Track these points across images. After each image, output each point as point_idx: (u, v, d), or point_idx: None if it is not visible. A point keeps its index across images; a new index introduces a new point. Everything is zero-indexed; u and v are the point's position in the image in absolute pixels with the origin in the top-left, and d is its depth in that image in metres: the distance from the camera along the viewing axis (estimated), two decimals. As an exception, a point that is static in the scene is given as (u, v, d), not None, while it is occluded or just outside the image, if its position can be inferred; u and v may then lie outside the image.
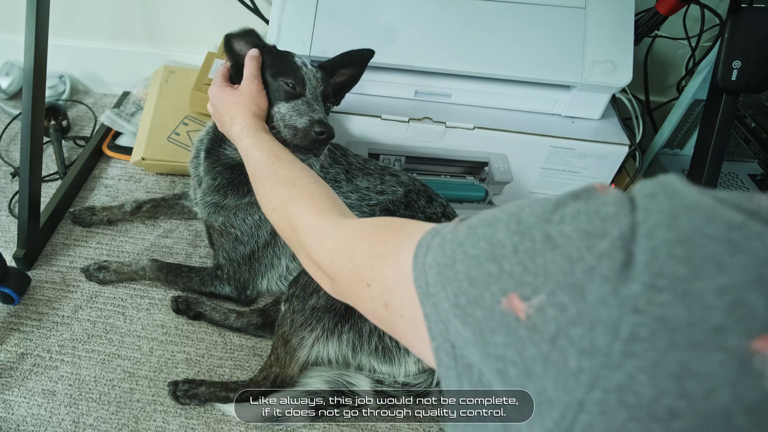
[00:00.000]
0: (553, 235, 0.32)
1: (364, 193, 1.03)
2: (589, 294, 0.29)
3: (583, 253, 0.30)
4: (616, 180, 1.22)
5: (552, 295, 0.30)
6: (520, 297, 0.32)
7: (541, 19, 1.06)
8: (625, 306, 0.28)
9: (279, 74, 0.92)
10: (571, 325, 0.29)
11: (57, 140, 1.40)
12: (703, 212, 0.28)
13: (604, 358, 0.28)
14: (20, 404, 0.95)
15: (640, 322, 0.27)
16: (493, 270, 0.34)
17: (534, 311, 0.31)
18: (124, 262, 1.13)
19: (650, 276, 0.27)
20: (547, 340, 0.30)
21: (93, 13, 1.49)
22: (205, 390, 0.96)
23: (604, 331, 0.28)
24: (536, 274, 0.32)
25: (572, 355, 0.29)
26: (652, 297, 0.27)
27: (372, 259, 0.49)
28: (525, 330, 0.31)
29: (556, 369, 0.30)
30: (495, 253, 0.35)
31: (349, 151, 1.08)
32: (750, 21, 0.95)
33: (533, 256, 0.32)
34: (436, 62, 1.08)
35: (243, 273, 1.07)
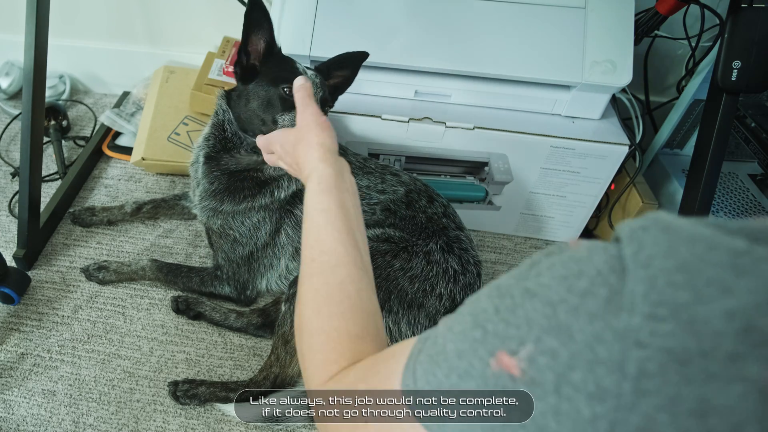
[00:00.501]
0: (531, 287, 0.32)
1: (364, 192, 1.03)
2: (577, 333, 0.28)
3: (564, 295, 0.29)
4: (616, 180, 1.22)
5: (539, 341, 0.29)
6: (508, 353, 0.31)
7: (541, 19, 1.06)
8: (627, 340, 0.26)
9: (280, 80, 0.90)
10: (569, 369, 0.28)
11: (57, 140, 1.40)
12: (703, 242, 0.26)
13: (615, 400, 0.26)
14: (20, 404, 0.95)
15: (646, 357, 0.26)
16: (477, 335, 0.33)
17: (525, 364, 0.30)
18: (123, 262, 1.13)
19: (650, 306, 0.26)
20: (550, 392, 0.28)
21: (93, 13, 1.49)
22: (205, 390, 0.96)
23: (607, 370, 0.27)
24: (518, 325, 0.31)
25: (582, 402, 0.27)
26: (654, 327, 0.26)
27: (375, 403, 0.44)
28: (524, 386, 0.30)
29: (570, 421, 0.28)
30: (478, 320, 0.34)
31: (348, 149, 1.08)
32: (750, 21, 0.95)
33: (514, 310, 0.32)
34: (436, 62, 1.08)
35: (242, 273, 1.07)
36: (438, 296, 0.93)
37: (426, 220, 1.01)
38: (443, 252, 0.96)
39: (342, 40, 1.07)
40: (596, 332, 0.27)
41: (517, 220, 1.29)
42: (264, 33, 0.91)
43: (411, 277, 0.93)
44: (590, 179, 1.17)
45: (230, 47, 1.40)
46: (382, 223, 1.01)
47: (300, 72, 0.93)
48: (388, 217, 1.02)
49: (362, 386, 0.45)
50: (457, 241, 1.00)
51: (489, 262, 1.28)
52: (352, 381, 0.48)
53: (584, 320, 0.28)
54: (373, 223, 1.02)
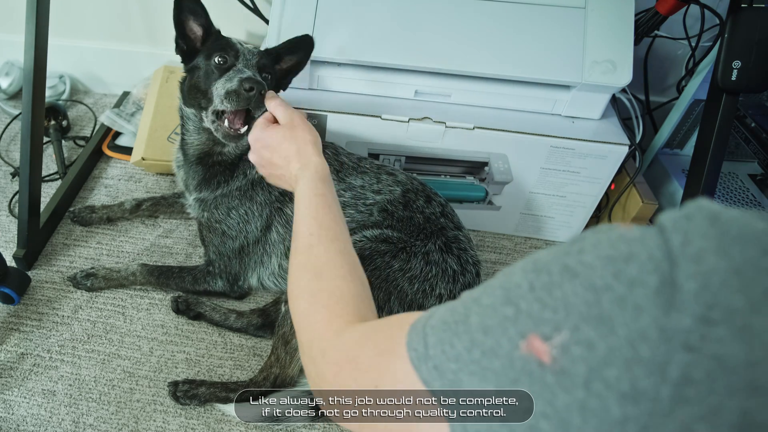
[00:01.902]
0: (572, 265, 0.29)
1: (358, 192, 1.03)
2: (619, 327, 0.26)
3: (609, 281, 0.27)
4: (616, 180, 1.22)
5: (576, 330, 0.27)
6: (541, 337, 0.28)
7: (541, 19, 1.06)
8: (674, 342, 0.24)
9: (213, 53, 0.92)
10: (604, 365, 0.26)
11: (57, 140, 1.40)
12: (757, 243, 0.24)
13: (651, 404, 0.24)
14: (20, 404, 0.95)
15: (692, 362, 0.24)
16: (509, 313, 0.31)
17: (558, 352, 0.27)
18: (112, 268, 1.13)
19: (702, 307, 0.24)
20: (580, 386, 0.26)
21: (93, 13, 1.49)
22: (205, 390, 0.96)
23: (646, 371, 0.25)
24: (555, 308, 0.28)
25: (613, 402, 0.25)
26: (705, 332, 0.24)
27: (378, 358, 0.43)
28: (552, 375, 0.27)
29: (597, 419, 0.26)
30: (510, 295, 0.31)
31: (342, 150, 1.07)
32: (750, 21, 0.95)
33: (551, 290, 0.29)
34: (436, 62, 1.08)
35: (234, 266, 1.08)
36: (438, 296, 0.93)
37: (424, 220, 1.01)
38: (442, 252, 0.96)
39: (342, 40, 1.07)
40: (641, 329, 0.25)
41: (517, 220, 1.29)
42: (199, 18, 0.95)
43: (410, 277, 0.93)
44: (590, 179, 1.17)
45: (230, 47, 1.40)
46: (380, 224, 1.01)
47: (236, 47, 0.94)
48: (385, 218, 1.02)
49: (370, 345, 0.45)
50: (455, 241, 1.00)
51: (489, 262, 1.28)
52: (359, 337, 0.48)
53: (630, 314, 0.25)
54: (371, 224, 1.02)
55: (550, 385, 0.28)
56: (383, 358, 0.42)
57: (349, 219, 1.03)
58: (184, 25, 0.95)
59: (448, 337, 0.34)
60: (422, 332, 0.36)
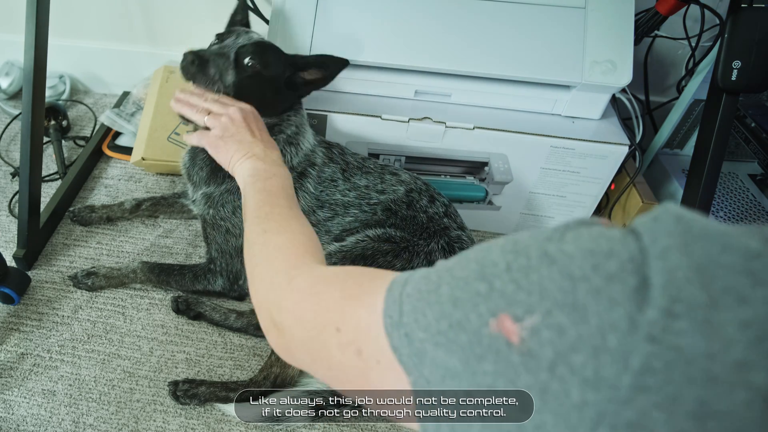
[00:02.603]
0: (552, 252, 0.29)
1: (363, 192, 1.03)
2: (592, 316, 0.26)
3: (587, 273, 0.27)
4: (616, 180, 1.22)
5: (548, 315, 0.28)
6: (512, 318, 0.29)
7: (541, 19, 1.06)
8: (639, 334, 0.25)
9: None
10: (571, 350, 0.27)
11: (57, 140, 1.40)
12: (717, 240, 0.26)
13: (611, 391, 0.25)
14: (20, 404, 0.95)
15: (654, 352, 0.25)
16: (482, 289, 0.31)
17: (528, 334, 0.28)
18: (113, 267, 1.13)
19: (667, 300, 0.25)
20: (544, 368, 0.27)
21: (93, 13, 1.49)
22: (205, 390, 0.96)
23: (611, 360, 0.25)
24: (530, 291, 0.29)
25: (575, 386, 0.26)
26: (668, 324, 0.25)
27: (343, 301, 0.43)
28: (518, 356, 0.28)
29: (556, 401, 0.27)
30: (485, 272, 0.31)
31: (347, 149, 1.08)
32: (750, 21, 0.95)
33: (528, 273, 0.29)
34: (436, 62, 1.08)
35: (235, 264, 1.07)
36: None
37: (427, 220, 1.01)
38: (444, 252, 0.97)
39: (342, 40, 1.07)
40: (613, 320, 0.26)
41: (517, 220, 1.29)
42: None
43: (412, 277, 0.93)
44: (590, 179, 1.17)
45: (230, 47, 1.40)
46: (383, 223, 1.01)
47: (237, 32, 0.96)
48: (389, 218, 1.02)
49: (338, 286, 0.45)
50: (458, 242, 1.00)
51: (489, 262, 1.28)
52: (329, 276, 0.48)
53: (604, 305, 0.26)
54: (374, 222, 1.02)
55: (515, 365, 0.28)
56: (348, 302, 0.42)
57: (353, 218, 1.03)
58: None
59: (421, 306, 0.34)
60: (399, 300, 0.37)
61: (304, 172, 1.02)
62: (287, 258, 0.55)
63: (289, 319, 0.48)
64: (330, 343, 0.42)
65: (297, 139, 1.01)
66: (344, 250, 0.96)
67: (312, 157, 1.03)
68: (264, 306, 0.52)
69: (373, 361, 0.38)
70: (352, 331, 0.40)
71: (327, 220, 1.03)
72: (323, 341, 0.43)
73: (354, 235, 1.00)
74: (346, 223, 1.03)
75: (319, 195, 1.03)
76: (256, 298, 0.55)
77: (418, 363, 0.34)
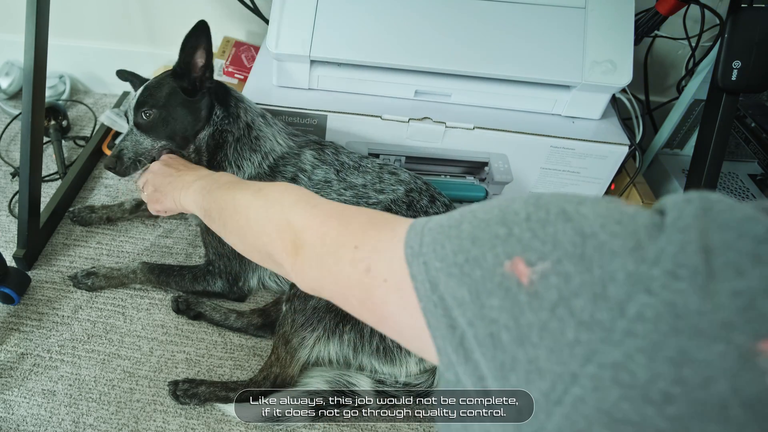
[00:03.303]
0: (569, 210, 0.33)
1: (360, 191, 1.03)
2: (596, 267, 0.29)
3: (596, 230, 0.31)
4: (616, 180, 1.22)
5: (558, 263, 0.31)
6: (525, 262, 0.32)
7: (541, 19, 1.06)
8: (638, 285, 0.28)
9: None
10: (573, 295, 0.29)
11: (57, 140, 1.40)
12: (735, 229, 0.28)
13: (604, 333, 0.28)
14: (20, 404, 0.95)
15: (648, 303, 0.27)
16: (501, 232, 0.34)
17: (537, 277, 0.31)
18: (113, 267, 1.13)
19: (673, 265, 0.28)
20: (546, 308, 0.30)
21: (93, 13, 1.49)
22: (205, 390, 0.96)
23: (608, 306, 0.28)
24: (545, 241, 0.32)
25: (570, 326, 0.29)
26: (668, 283, 0.27)
27: (367, 225, 0.47)
28: (525, 296, 0.31)
29: (552, 338, 0.29)
30: (507, 219, 0.34)
31: (342, 149, 1.07)
32: (750, 21, 0.95)
33: (545, 225, 0.32)
34: (436, 62, 1.08)
35: (234, 265, 1.07)
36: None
37: None
38: None
39: (342, 39, 1.07)
40: (612, 272, 0.29)
41: (517, 220, 1.29)
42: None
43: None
44: (590, 179, 1.17)
45: (230, 47, 1.40)
46: None
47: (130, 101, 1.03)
48: None
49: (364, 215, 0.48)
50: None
51: (489, 262, 1.28)
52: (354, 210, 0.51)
53: (606, 257, 0.29)
54: None
55: (521, 303, 0.31)
56: (371, 227, 0.46)
57: None
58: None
59: (441, 239, 0.37)
60: (420, 232, 0.39)
61: (295, 179, 1.02)
62: (299, 196, 0.57)
63: (312, 236, 0.50)
64: (344, 259, 0.45)
65: (258, 144, 1.01)
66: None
67: (298, 162, 1.02)
68: (287, 232, 0.53)
69: (380, 280, 0.42)
70: (369, 249, 0.44)
71: None
72: (339, 256, 0.46)
73: None
74: None
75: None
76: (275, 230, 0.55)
77: (430, 290, 0.36)
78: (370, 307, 0.44)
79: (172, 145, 0.98)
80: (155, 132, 0.98)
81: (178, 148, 0.99)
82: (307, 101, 1.12)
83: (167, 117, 0.97)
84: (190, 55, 0.96)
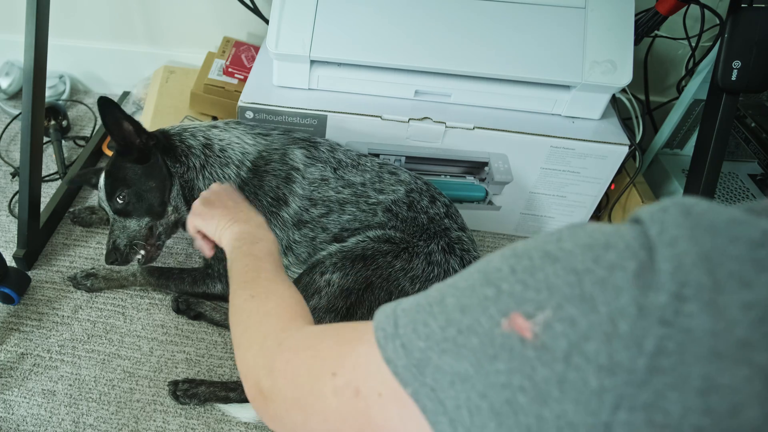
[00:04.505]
0: (552, 251, 0.31)
1: (359, 189, 1.03)
2: (601, 306, 0.28)
3: (590, 265, 0.29)
4: (616, 180, 1.22)
5: (559, 308, 0.29)
6: (524, 315, 0.30)
7: (541, 19, 1.06)
8: (651, 318, 0.26)
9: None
10: (584, 340, 0.27)
11: (57, 140, 1.40)
12: (725, 232, 0.27)
13: (627, 375, 0.26)
14: (20, 404, 0.95)
15: (667, 335, 0.26)
16: (489, 293, 0.32)
17: (540, 329, 0.29)
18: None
19: (676, 285, 0.26)
20: (560, 360, 0.28)
21: (93, 13, 1.49)
22: (205, 390, 0.96)
23: (624, 345, 0.26)
24: (538, 289, 0.30)
25: (591, 374, 0.27)
26: (678, 307, 0.26)
27: (338, 346, 0.42)
28: (533, 350, 0.29)
29: (575, 390, 0.27)
30: (491, 278, 0.32)
31: (339, 147, 1.07)
32: (750, 21, 0.95)
33: (533, 272, 0.30)
34: (436, 62, 1.08)
35: None
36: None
37: (428, 221, 1.01)
38: (444, 253, 0.96)
39: (342, 40, 1.07)
40: (621, 307, 0.27)
41: (517, 220, 1.29)
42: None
43: (412, 277, 0.93)
44: (590, 179, 1.17)
45: (230, 47, 1.40)
46: (384, 225, 1.01)
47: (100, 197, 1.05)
48: (390, 219, 1.02)
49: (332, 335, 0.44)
50: (458, 242, 1.00)
51: (489, 262, 1.28)
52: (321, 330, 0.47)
53: (611, 294, 0.27)
54: (375, 224, 1.02)
55: (530, 360, 0.29)
56: (344, 346, 0.41)
57: (352, 217, 1.03)
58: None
59: (422, 318, 0.34)
60: (393, 315, 0.37)
61: (289, 177, 1.02)
62: (277, 322, 0.53)
63: (279, 381, 0.45)
64: (325, 392, 0.40)
65: (226, 156, 1.02)
66: (345, 250, 0.96)
67: (287, 161, 1.02)
68: (252, 373, 0.49)
69: (374, 396, 0.37)
70: (349, 371, 0.39)
71: (322, 216, 1.03)
72: (318, 392, 0.41)
73: (356, 236, 1.00)
74: (344, 222, 1.03)
75: (311, 194, 1.02)
76: (244, 365, 0.51)
77: (417, 373, 0.33)
78: (371, 427, 0.38)
79: (154, 218, 1.02)
80: (136, 211, 1.01)
81: (159, 217, 1.02)
82: (307, 101, 1.12)
83: (139, 192, 1.00)
84: (119, 131, 0.97)
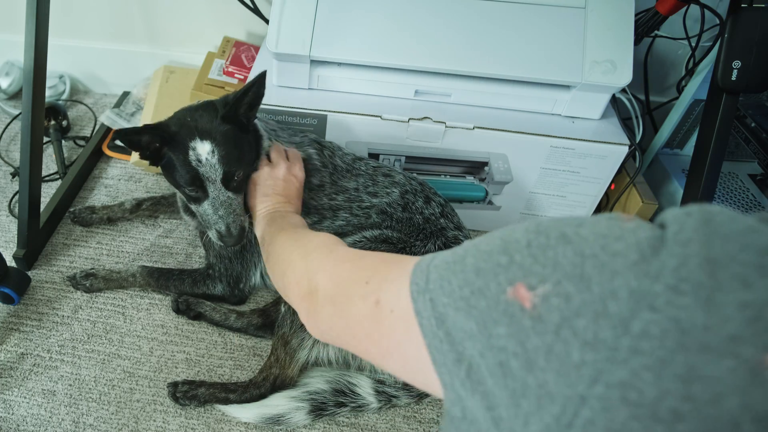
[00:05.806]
0: (569, 233, 0.33)
1: (352, 194, 1.03)
2: (595, 286, 0.29)
3: (596, 251, 0.31)
4: (616, 180, 1.22)
5: (558, 284, 0.31)
6: (527, 286, 0.32)
7: (541, 19, 1.06)
8: (641, 303, 0.28)
9: (180, 178, 0.87)
10: (575, 315, 0.29)
11: (57, 140, 1.40)
12: (738, 240, 0.28)
13: (609, 352, 0.28)
14: (20, 404, 0.95)
15: (653, 320, 0.27)
16: (503, 261, 0.34)
17: (539, 300, 0.31)
18: (112, 269, 1.13)
19: (675, 279, 0.28)
20: (551, 331, 0.30)
21: (93, 13, 1.49)
22: (204, 391, 0.96)
23: (611, 324, 0.28)
24: (545, 265, 0.32)
25: (575, 347, 0.29)
26: (672, 299, 0.27)
27: (379, 262, 0.50)
28: (529, 320, 0.31)
29: (558, 361, 0.29)
30: (508, 247, 0.35)
31: (338, 151, 1.07)
32: (750, 21, 0.95)
33: (545, 250, 0.33)
34: (436, 62, 1.08)
35: (235, 267, 1.07)
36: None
37: (423, 221, 1.01)
38: None
39: (342, 40, 1.07)
40: (614, 289, 0.29)
41: (517, 220, 1.29)
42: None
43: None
44: (590, 179, 1.17)
45: (230, 47, 1.40)
46: (379, 225, 1.01)
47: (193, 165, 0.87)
48: (384, 220, 1.02)
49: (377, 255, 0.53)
50: (455, 242, 1.00)
51: (489, 262, 1.28)
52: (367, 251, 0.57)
53: (606, 276, 0.29)
54: (369, 225, 1.02)
55: (526, 328, 0.31)
56: (383, 264, 0.49)
57: (344, 222, 1.03)
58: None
59: (447, 275, 0.38)
60: (426, 270, 0.40)
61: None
62: (324, 243, 0.63)
63: (325, 279, 0.54)
64: (355, 295, 0.48)
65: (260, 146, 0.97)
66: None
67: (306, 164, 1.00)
68: (304, 277, 0.59)
69: (388, 310, 0.43)
70: (378, 282, 0.46)
71: (315, 224, 1.02)
72: (350, 294, 0.49)
73: (351, 236, 1.00)
74: (336, 227, 1.03)
75: (307, 202, 1.00)
76: (295, 273, 0.61)
77: (435, 325, 0.37)
78: (376, 338, 0.45)
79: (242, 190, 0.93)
80: (241, 188, 0.92)
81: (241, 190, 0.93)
82: (307, 101, 1.12)
83: (247, 168, 0.91)
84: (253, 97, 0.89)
